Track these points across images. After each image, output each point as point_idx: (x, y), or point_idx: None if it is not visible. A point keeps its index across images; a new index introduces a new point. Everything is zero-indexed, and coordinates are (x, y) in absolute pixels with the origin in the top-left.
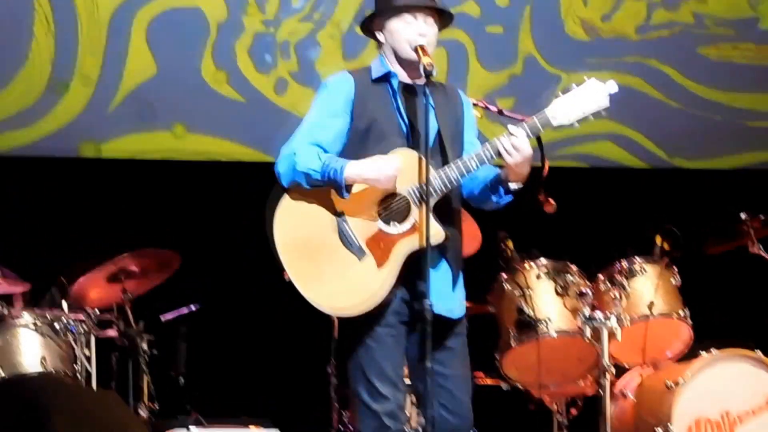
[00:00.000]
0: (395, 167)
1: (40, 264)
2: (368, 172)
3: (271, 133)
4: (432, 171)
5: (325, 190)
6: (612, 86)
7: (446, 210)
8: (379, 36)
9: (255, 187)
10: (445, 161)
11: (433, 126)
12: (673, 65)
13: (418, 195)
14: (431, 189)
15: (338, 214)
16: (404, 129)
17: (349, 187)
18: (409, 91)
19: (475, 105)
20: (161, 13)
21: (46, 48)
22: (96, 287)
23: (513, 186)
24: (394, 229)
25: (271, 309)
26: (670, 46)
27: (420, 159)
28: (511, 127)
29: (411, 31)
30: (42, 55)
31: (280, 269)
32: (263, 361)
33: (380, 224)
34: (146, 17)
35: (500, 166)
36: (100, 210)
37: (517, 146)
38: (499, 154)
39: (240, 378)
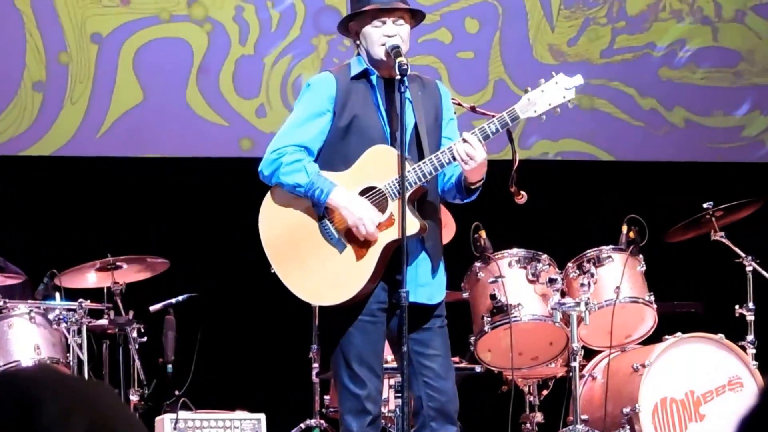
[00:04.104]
0: (373, 230)
1: (34, 258)
2: (352, 210)
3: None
4: (408, 165)
5: None
6: (578, 80)
7: (423, 202)
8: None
9: (244, 183)
10: (421, 154)
11: (410, 120)
12: (635, 87)
13: (394, 188)
14: (407, 183)
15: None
16: (383, 124)
17: (327, 209)
18: (388, 86)
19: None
20: (147, 43)
21: (37, 76)
22: (87, 279)
23: (472, 186)
24: None
25: (256, 299)
26: (633, 69)
27: (397, 155)
28: (465, 134)
29: (379, 34)
30: (34, 83)
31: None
32: (248, 349)
33: None
34: (133, 47)
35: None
36: (95, 207)
37: (470, 155)
38: (455, 159)
39: (226, 365)
